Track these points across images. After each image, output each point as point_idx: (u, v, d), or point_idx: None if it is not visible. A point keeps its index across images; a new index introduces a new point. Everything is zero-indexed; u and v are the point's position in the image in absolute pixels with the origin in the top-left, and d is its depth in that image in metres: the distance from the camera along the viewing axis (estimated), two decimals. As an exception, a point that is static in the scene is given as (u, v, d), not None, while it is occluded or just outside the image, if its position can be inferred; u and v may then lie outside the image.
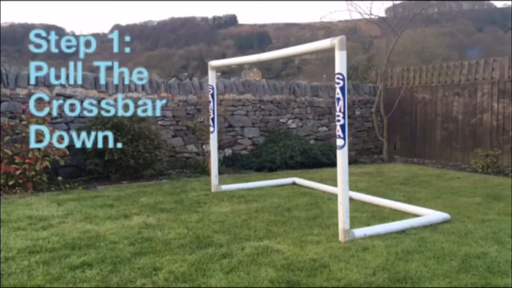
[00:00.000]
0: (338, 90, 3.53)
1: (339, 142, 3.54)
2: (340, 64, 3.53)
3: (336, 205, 4.80)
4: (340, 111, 3.53)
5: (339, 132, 3.54)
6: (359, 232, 3.65)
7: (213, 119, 5.48)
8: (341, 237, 3.56)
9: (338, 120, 3.55)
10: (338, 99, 3.53)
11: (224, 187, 5.72)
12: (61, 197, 5.32)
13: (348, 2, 9.50)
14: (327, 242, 3.51)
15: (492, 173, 7.31)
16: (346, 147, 3.54)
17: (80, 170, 6.81)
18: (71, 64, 6.77)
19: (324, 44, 3.70)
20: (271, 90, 8.97)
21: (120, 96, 7.36)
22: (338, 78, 3.52)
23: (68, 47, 5.65)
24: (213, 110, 5.51)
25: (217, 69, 5.89)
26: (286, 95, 9.11)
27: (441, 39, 15.58)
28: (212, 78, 5.60)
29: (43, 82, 6.80)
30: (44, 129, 5.90)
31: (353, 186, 5.99)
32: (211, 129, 5.42)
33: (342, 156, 3.54)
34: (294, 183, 6.26)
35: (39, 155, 5.74)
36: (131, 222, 4.14)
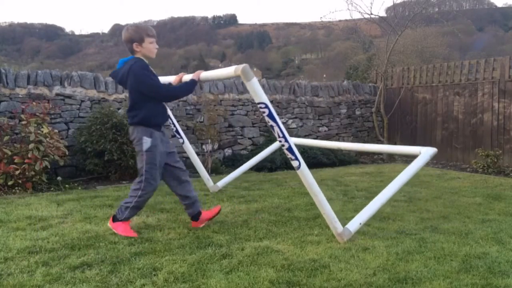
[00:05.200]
0: (267, 119, 3.25)
1: (294, 163, 3.33)
2: (256, 94, 3.21)
3: (336, 205, 4.79)
4: (279, 136, 3.28)
5: (289, 155, 3.33)
6: (353, 225, 3.58)
7: (177, 131, 5.17)
8: (339, 240, 3.54)
9: (283, 145, 3.31)
10: (272, 126, 3.27)
11: (220, 183, 5.69)
12: (60, 197, 5.31)
13: (348, 1, 9.48)
14: (327, 243, 3.50)
15: (493, 173, 7.31)
16: (302, 166, 3.35)
17: (80, 170, 6.81)
18: (71, 63, 6.77)
19: (229, 72, 3.37)
20: (271, 90, 8.96)
21: (119, 96, 7.36)
22: (261, 108, 3.24)
23: (67, 46, 5.64)
24: (173, 124, 5.15)
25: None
26: (286, 95, 9.10)
27: (441, 39, 15.58)
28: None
29: (42, 82, 6.79)
30: (44, 129, 5.90)
31: (353, 186, 5.99)
32: (180, 140, 5.23)
33: (303, 175, 3.39)
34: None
35: (38, 155, 5.73)
36: (131, 222, 4.12)
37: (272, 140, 8.55)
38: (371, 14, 9.51)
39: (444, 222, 4.13)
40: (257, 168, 7.86)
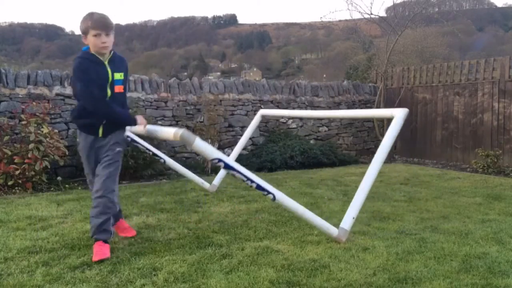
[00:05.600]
0: (226, 169, 3.21)
1: (269, 197, 3.29)
2: (205, 153, 3.09)
3: (336, 206, 4.80)
4: (244, 180, 3.21)
5: (261, 191, 3.27)
6: (346, 222, 3.52)
7: (154, 154, 4.95)
8: (339, 241, 3.51)
9: (251, 186, 3.25)
10: (233, 174, 3.20)
11: (215, 181, 5.59)
12: (60, 197, 5.31)
13: (348, 1, 9.47)
14: (327, 243, 3.50)
15: (493, 173, 7.31)
16: (278, 196, 3.29)
17: (80, 170, 6.79)
18: (71, 63, 6.77)
19: (168, 134, 3.15)
20: (271, 90, 8.96)
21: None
22: (216, 162, 3.13)
23: (67, 46, 5.64)
24: (147, 149, 4.84)
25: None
26: (286, 95, 9.10)
27: (441, 39, 15.58)
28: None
29: (42, 82, 6.79)
30: (44, 129, 5.90)
31: (353, 186, 5.99)
32: (161, 160, 5.10)
33: (282, 203, 3.36)
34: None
35: (38, 155, 5.73)
36: (131, 222, 4.13)
37: (272, 140, 8.57)
38: (371, 14, 9.53)
39: (444, 222, 4.13)
40: (257, 168, 7.87)
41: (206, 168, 7.29)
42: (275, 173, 7.46)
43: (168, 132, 3.15)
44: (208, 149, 3.10)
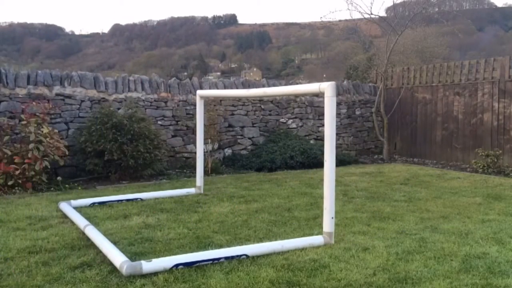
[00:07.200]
0: None
1: None
2: None
3: (336, 206, 4.79)
4: None
5: None
6: (327, 225, 3.51)
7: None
8: (330, 245, 3.50)
9: None
10: None
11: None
12: (60, 197, 5.31)
13: (348, 1, 9.46)
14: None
15: (493, 173, 7.31)
16: None
17: (80, 170, 6.81)
18: (71, 63, 6.76)
19: None
20: (271, 89, 8.95)
21: (119, 96, 7.36)
22: None
23: (67, 46, 5.64)
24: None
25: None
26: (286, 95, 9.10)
27: (441, 39, 15.56)
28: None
29: (42, 82, 6.79)
30: (44, 129, 5.90)
31: (353, 186, 6.00)
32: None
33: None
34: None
35: (38, 155, 5.73)
36: (131, 222, 4.13)
37: (272, 140, 8.56)
38: (371, 14, 9.52)
39: (444, 222, 4.13)
40: (257, 168, 7.87)
41: (207, 168, 7.29)
42: (275, 173, 7.46)
43: None
44: None
